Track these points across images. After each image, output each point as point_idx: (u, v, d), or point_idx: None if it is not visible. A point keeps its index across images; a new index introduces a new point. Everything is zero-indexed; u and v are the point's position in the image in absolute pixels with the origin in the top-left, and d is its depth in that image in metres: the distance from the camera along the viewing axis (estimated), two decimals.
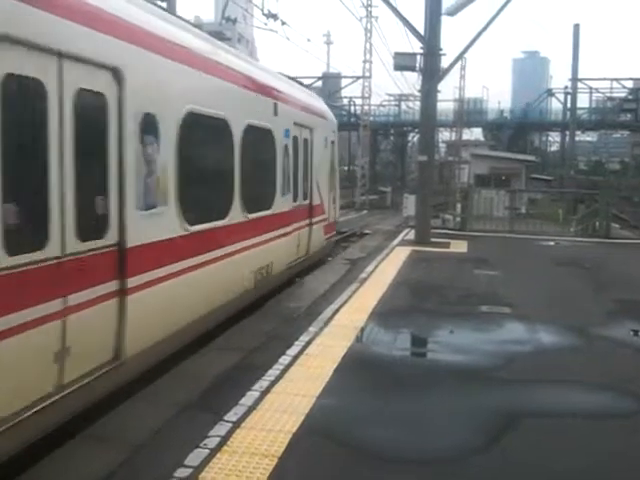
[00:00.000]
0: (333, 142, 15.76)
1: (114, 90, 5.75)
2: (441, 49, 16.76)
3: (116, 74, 5.75)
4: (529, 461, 4.84)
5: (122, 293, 5.84)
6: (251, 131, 9.33)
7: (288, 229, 11.44)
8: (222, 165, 8.75)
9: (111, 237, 5.73)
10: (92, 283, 5.39)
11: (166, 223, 6.78)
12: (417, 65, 16.83)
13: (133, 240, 6.00)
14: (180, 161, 6.99)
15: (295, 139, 12.06)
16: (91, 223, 5.45)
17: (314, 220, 13.40)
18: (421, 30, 16.80)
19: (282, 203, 11.10)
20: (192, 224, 7.27)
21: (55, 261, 4.91)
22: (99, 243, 5.54)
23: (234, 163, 8.79)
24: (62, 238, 4.99)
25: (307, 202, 13.02)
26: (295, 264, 12.17)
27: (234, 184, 8.83)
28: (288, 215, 11.44)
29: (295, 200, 12.05)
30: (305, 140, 12.82)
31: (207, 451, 4.70)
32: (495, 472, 4.66)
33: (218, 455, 4.66)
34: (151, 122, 6.43)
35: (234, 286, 8.88)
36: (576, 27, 42.19)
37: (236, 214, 8.84)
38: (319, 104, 15.43)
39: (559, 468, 4.76)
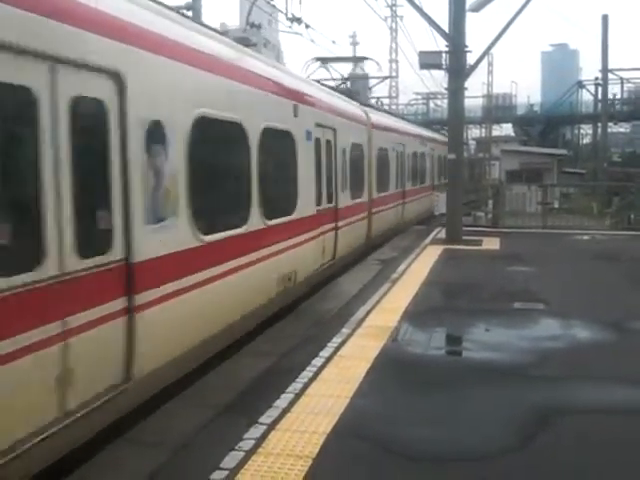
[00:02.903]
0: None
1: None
2: (466, 46, 16.63)
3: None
4: (565, 459, 4.80)
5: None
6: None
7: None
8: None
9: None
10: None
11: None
12: (443, 63, 16.73)
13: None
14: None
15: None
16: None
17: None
18: (445, 27, 16.71)
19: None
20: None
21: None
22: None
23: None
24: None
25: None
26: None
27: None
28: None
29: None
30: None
31: (242, 453, 4.76)
32: (531, 470, 4.63)
33: (253, 457, 4.71)
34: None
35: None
36: (604, 18, 41.57)
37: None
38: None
39: (597, 466, 4.71)
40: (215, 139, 7.62)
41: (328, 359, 7.04)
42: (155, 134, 6.02)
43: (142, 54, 5.86)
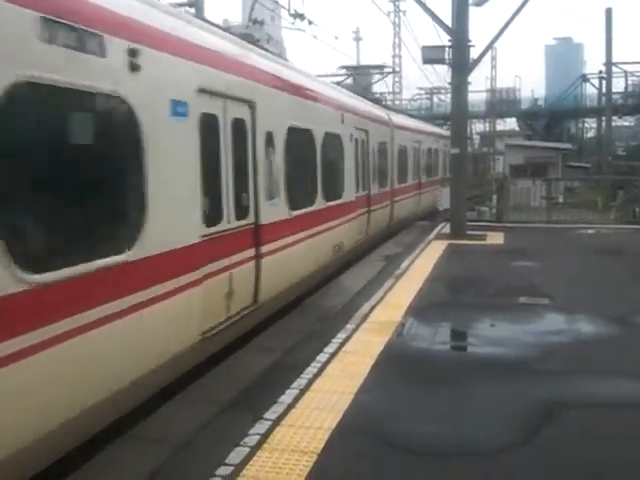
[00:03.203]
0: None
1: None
2: (469, 40, 16.60)
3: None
4: (570, 453, 4.80)
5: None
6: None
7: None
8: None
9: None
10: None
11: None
12: (446, 58, 16.69)
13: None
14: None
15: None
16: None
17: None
18: (448, 22, 16.67)
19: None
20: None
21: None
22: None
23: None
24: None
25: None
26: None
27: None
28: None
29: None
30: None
31: (247, 449, 4.77)
32: (535, 465, 4.62)
33: (258, 453, 4.73)
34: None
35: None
36: (608, 11, 41.36)
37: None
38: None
39: (601, 459, 4.71)
40: (297, 142, 10.13)
41: (332, 355, 7.05)
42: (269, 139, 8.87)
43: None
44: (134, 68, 5.53)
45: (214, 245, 6.99)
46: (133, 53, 5.52)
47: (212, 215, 7.02)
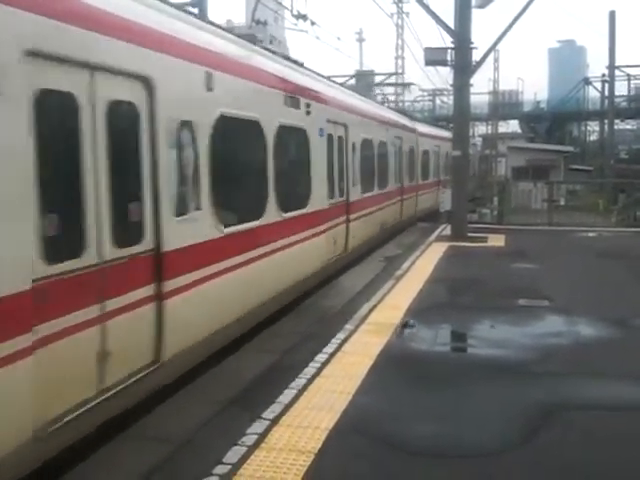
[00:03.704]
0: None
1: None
2: (472, 42, 16.60)
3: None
4: (569, 455, 4.79)
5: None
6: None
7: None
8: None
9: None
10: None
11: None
12: (448, 59, 16.69)
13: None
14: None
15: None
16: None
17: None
18: (451, 24, 16.67)
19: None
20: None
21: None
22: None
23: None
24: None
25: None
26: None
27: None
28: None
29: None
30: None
31: (245, 448, 4.78)
32: (534, 466, 4.62)
33: (256, 452, 4.73)
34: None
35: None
36: (612, 14, 41.33)
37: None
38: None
39: (601, 461, 4.71)
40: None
41: (331, 355, 7.05)
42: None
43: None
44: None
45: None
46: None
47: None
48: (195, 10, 18.71)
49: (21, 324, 4.30)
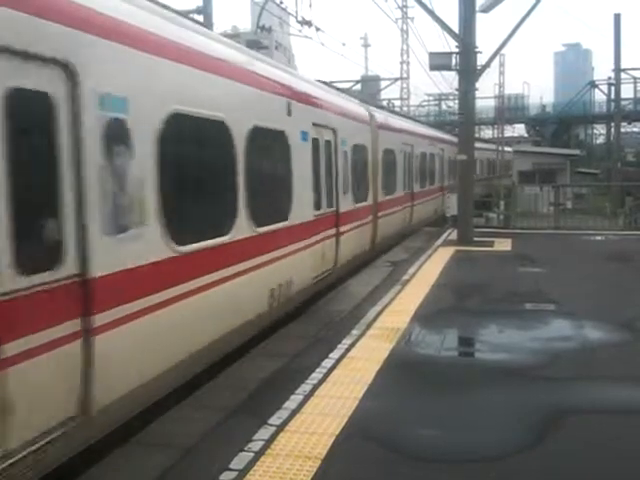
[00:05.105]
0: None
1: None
2: (477, 47, 16.61)
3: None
4: (577, 459, 4.76)
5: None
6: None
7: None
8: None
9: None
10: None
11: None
12: (453, 64, 16.69)
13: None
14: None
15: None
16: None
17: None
18: (456, 28, 16.68)
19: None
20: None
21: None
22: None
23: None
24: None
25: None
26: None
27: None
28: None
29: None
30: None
31: (251, 454, 4.76)
32: (542, 471, 4.60)
33: (262, 458, 4.72)
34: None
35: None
36: (617, 17, 41.24)
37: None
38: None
39: (610, 466, 4.68)
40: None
41: (338, 360, 7.04)
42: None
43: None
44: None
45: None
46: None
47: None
48: (201, 17, 18.79)
49: (407, 201, 6.92)
